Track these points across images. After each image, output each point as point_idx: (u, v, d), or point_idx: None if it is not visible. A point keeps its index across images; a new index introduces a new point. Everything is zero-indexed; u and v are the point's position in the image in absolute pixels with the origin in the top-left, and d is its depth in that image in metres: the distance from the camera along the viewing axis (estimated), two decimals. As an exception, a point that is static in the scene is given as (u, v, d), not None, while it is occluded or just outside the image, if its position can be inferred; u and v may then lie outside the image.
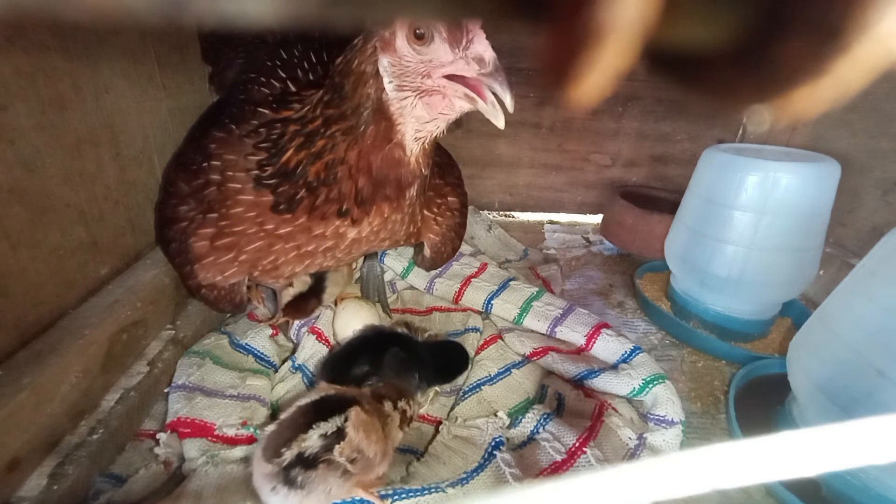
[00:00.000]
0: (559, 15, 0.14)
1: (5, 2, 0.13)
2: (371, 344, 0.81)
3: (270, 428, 0.59)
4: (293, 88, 0.76)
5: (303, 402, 0.60)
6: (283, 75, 0.78)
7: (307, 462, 0.54)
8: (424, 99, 0.58)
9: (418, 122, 0.60)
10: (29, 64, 0.59)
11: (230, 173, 0.70)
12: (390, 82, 0.57)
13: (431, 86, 0.56)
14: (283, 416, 0.59)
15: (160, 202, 0.83)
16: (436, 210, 0.86)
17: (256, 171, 0.68)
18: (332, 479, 0.55)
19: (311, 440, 0.55)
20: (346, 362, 0.77)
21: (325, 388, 0.65)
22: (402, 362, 0.74)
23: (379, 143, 0.61)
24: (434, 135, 0.63)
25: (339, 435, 0.55)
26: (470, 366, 0.86)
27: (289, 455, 0.54)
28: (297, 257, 0.71)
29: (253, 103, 0.73)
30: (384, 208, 0.67)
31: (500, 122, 0.54)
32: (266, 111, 0.70)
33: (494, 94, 0.53)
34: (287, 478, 0.54)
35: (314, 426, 0.56)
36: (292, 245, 0.70)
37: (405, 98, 0.58)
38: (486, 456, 0.70)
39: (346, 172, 0.63)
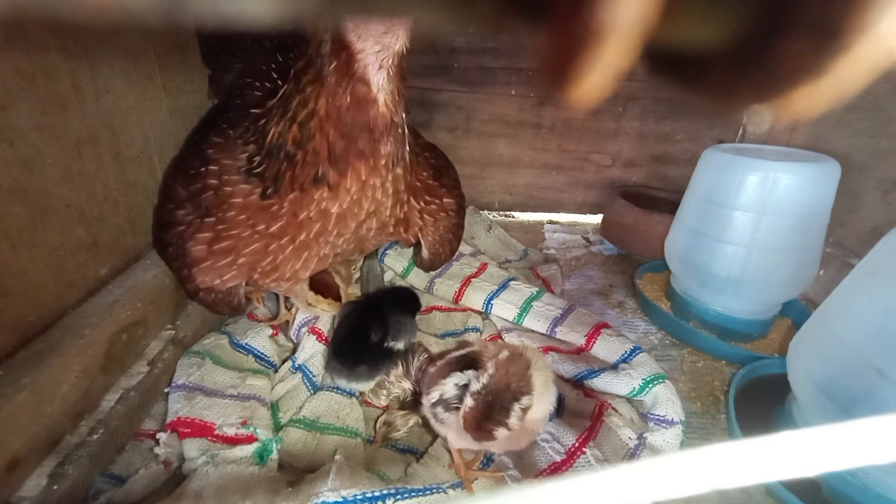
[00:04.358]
0: (559, 15, 0.14)
1: (5, 2, 0.13)
2: (362, 314, 0.85)
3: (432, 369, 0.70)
4: (282, 84, 0.76)
5: (455, 353, 0.69)
6: (276, 77, 0.79)
7: (447, 404, 0.63)
8: None
9: (376, 39, 0.56)
10: (29, 64, 0.59)
11: (226, 177, 0.70)
12: None
13: None
14: (440, 362, 0.69)
15: (158, 206, 0.83)
16: (425, 207, 0.85)
17: (247, 166, 0.68)
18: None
19: (448, 386, 0.63)
20: (358, 338, 0.81)
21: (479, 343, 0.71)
22: (401, 317, 0.83)
23: (342, 80, 0.58)
24: (395, 52, 0.57)
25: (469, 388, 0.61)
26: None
27: (434, 395, 0.64)
28: (293, 252, 0.71)
29: (248, 107, 0.73)
30: (360, 168, 0.64)
31: None
32: (257, 110, 0.71)
33: None
34: (434, 413, 0.65)
35: (451, 374, 0.64)
36: (287, 240, 0.69)
37: None
38: (484, 461, 0.70)
39: (318, 125, 0.61)
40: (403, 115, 0.65)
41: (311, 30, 0.58)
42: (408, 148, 0.69)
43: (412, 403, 0.77)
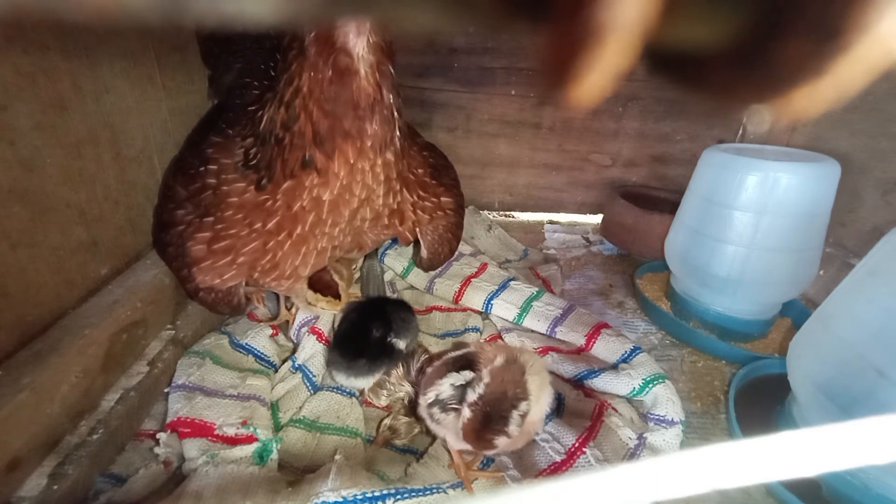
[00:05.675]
0: (559, 15, 0.14)
1: (5, 2, 0.13)
2: (366, 312, 0.86)
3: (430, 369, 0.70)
4: None
5: (452, 354, 0.68)
6: (274, 75, 0.79)
7: (443, 405, 0.63)
8: None
9: None
10: (29, 64, 0.59)
11: (224, 176, 0.70)
12: None
13: None
14: (437, 362, 0.69)
15: (158, 206, 0.84)
16: (419, 203, 0.85)
17: (243, 160, 0.69)
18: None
19: (444, 387, 0.63)
20: (360, 335, 0.81)
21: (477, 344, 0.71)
22: (406, 315, 0.85)
23: (322, 50, 0.57)
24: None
25: (466, 388, 0.61)
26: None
27: (431, 395, 0.64)
28: (291, 247, 0.71)
29: (247, 107, 0.74)
30: (347, 150, 0.63)
31: None
32: (254, 108, 0.71)
33: None
34: (430, 413, 0.64)
35: (447, 375, 0.63)
36: (284, 235, 0.70)
37: None
38: (484, 461, 0.70)
39: (301, 104, 0.60)
40: (391, 97, 0.63)
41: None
42: (398, 133, 0.67)
43: (415, 409, 0.77)
